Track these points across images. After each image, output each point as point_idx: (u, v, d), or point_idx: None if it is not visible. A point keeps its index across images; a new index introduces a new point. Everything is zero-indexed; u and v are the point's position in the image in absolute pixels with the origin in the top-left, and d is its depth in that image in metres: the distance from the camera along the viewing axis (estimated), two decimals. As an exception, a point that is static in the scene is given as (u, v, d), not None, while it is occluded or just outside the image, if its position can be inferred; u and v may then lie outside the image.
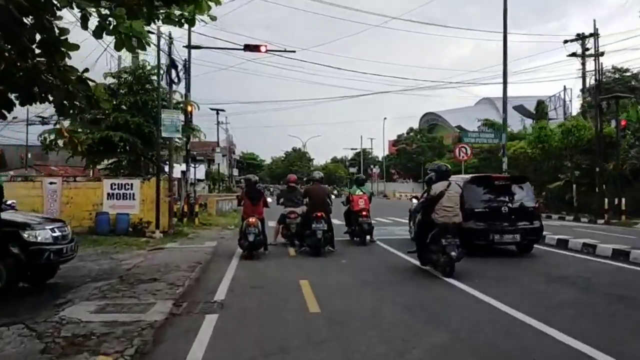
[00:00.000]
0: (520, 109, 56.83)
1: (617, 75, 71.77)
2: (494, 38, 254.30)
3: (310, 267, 10.99)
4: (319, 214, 12.13)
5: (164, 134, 17.23)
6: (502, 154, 23.96)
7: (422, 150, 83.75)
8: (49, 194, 16.81)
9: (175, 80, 17.98)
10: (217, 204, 27.99)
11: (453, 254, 9.05)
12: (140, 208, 17.43)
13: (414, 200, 17.08)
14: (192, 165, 22.95)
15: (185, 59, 21.04)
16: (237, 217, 26.45)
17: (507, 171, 22.54)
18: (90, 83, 7.02)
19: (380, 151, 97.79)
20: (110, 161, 20.17)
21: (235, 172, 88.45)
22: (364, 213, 14.46)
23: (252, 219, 11.82)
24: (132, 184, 17.44)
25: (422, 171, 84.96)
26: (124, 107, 19.24)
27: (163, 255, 12.58)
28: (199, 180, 62.65)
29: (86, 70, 6.94)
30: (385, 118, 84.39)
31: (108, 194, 17.29)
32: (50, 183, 17.06)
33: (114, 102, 19.49)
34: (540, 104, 45.44)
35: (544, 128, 27.16)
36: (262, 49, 21.44)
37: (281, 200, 14.61)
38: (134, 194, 17.44)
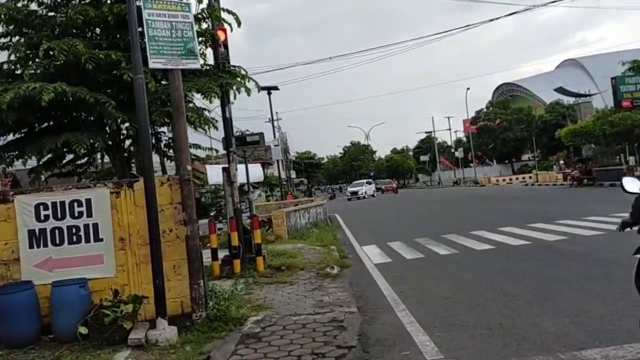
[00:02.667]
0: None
1: None
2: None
3: None
4: None
5: (153, 62, 6.48)
6: None
7: (508, 125, 70.55)
8: None
9: None
10: (289, 218, 17.12)
11: None
12: (115, 262, 6.77)
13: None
14: (241, 153, 12.10)
15: None
16: (327, 238, 15.60)
17: None
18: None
19: (455, 134, 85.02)
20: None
21: (293, 174, 78.07)
22: None
23: None
24: (88, 201, 6.77)
25: (511, 150, 72.27)
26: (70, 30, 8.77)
27: None
28: (254, 185, 52.60)
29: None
30: (468, 88, 71.07)
31: (31, 232, 6.68)
32: None
33: (53, 24, 9.17)
34: None
35: None
36: None
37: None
38: (95, 227, 6.78)
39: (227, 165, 10.92)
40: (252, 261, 10.28)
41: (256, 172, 37.42)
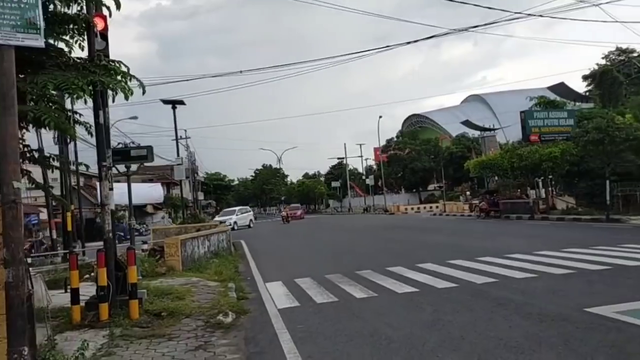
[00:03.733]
0: (560, 88, 45.79)
1: (622, 57, 62.60)
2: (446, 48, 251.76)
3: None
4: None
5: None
6: None
7: (417, 155, 72.00)
8: None
9: None
10: (184, 247, 14.97)
11: None
12: None
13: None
14: (122, 168, 10.03)
15: None
16: (227, 271, 13.69)
17: None
18: None
19: (366, 161, 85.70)
20: None
21: (201, 195, 74.76)
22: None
23: None
24: None
25: (419, 179, 73.65)
26: None
27: None
28: (156, 207, 48.97)
29: None
30: (380, 116, 71.77)
31: None
32: None
33: None
34: None
35: None
36: None
37: None
38: None
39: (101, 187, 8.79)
40: (126, 305, 8.20)
41: (155, 192, 34.53)
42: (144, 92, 8.47)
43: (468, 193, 55.59)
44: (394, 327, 6.62)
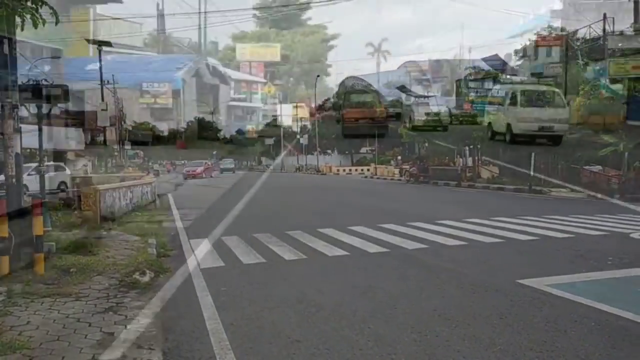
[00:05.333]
0: (494, 60, 46.61)
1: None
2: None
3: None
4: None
5: None
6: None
7: (352, 117, 71.91)
8: None
9: None
10: (103, 197, 13.96)
11: None
12: None
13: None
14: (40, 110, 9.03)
15: None
16: (150, 225, 12.95)
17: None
18: None
19: (301, 120, 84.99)
20: None
21: (128, 145, 71.55)
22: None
23: None
24: None
25: (351, 142, 73.78)
26: None
27: None
28: (79, 154, 46.36)
29: None
30: (318, 76, 70.88)
31: None
32: None
33: None
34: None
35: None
36: None
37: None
38: None
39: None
40: (31, 265, 7.39)
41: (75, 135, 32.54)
42: (57, 22, 7.48)
43: (399, 158, 56.40)
44: (324, 293, 6.29)
